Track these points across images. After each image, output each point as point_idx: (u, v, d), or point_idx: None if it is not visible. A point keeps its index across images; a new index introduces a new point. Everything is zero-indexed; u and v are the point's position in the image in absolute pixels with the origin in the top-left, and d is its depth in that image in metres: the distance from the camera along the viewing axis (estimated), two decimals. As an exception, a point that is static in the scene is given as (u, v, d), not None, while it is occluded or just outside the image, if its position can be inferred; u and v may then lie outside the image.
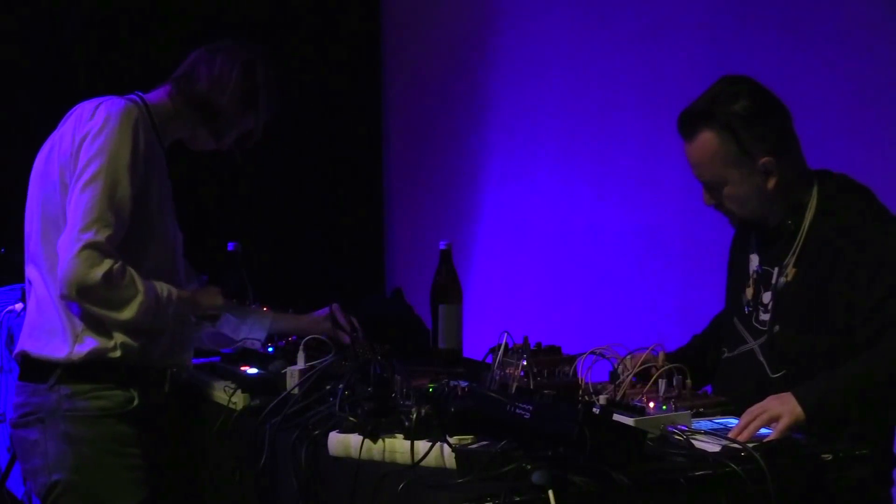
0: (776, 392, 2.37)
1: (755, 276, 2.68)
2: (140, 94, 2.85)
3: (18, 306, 3.78)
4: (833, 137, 3.46)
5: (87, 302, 2.65)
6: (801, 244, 2.58)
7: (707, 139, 2.57)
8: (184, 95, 2.85)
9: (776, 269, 2.62)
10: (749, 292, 2.68)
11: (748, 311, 2.68)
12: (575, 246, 4.58)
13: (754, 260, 2.70)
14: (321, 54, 5.31)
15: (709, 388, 2.72)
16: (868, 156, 3.43)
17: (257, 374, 2.84)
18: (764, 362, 2.60)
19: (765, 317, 2.63)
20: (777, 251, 2.63)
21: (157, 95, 2.86)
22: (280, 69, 2.95)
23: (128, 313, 2.67)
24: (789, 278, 2.59)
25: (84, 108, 2.76)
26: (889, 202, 2.62)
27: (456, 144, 5.21)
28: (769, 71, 3.40)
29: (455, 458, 2.10)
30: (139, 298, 2.67)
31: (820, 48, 3.61)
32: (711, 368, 2.78)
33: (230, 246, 3.18)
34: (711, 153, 2.57)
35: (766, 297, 2.64)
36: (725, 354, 2.73)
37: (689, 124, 2.60)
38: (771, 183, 2.57)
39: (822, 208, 2.58)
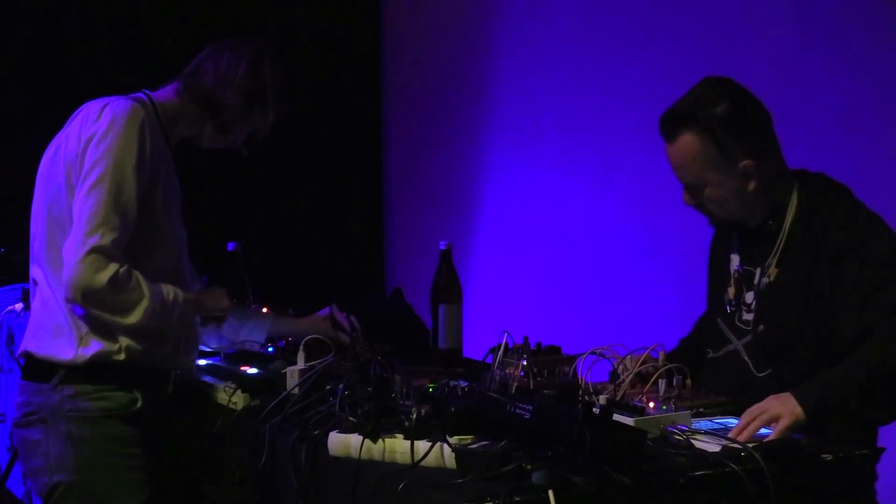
0: (762, 391, 2.38)
1: (736, 275, 2.69)
2: (147, 92, 2.84)
3: (18, 306, 3.78)
4: (832, 138, 3.46)
5: (92, 306, 2.64)
6: (782, 244, 2.59)
7: (688, 141, 2.57)
8: (190, 91, 2.84)
9: (758, 270, 2.63)
10: (731, 292, 2.68)
11: (730, 310, 2.68)
12: (575, 246, 4.58)
13: (735, 260, 2.70)
14: (321, 55, 5.31)
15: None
16: (868, 156, 3.43)
17: (257, 374, 2.84)
18: (749, 361, 2.61)
19: (748, 316, 2.64)
20: (759, 251, 2.63)
21: (165, 93, 2.86)
22: (287, 66, 2.95)
23: (133, 318, 2.66)
24: (772, 278, 2.59)
25: (90, 108, 2.75)
26: (891, 202, 2.62)
27: (456, 144, 5.21)
28: (769, 70, 3.40)
29: (455, 458, 2.10)
30: (144, 303, 2.66)
31: (819, 50, 3.61)
32: (698, 371, 2.77)
33: (230, 246, 3.18)
34: (692, 156, 2.57)
35: (749, 296, 2.64)
36: (710, 355, 2.73)
37: (670, 126, 2.61)
38: (751, 185, 2.57)
39: (802, 208, 2.58)
